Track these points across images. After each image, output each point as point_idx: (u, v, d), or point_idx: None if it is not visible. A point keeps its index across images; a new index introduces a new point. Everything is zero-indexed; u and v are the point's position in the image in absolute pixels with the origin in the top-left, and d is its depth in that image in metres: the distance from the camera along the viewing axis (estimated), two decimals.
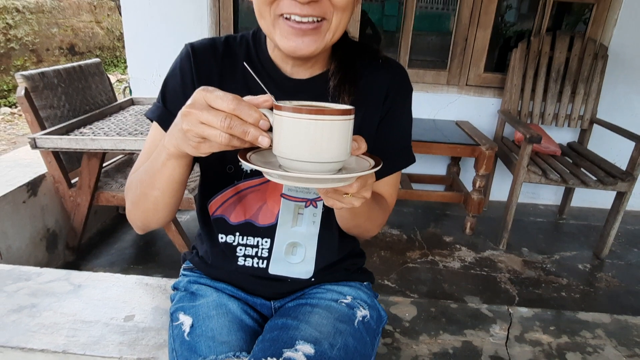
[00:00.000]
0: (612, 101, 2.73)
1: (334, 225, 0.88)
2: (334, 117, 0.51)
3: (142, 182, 0.72)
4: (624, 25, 2.59)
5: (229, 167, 0.84)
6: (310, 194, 0.85)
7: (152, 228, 0.81)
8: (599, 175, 2.27)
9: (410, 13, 2.67)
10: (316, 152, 0.52)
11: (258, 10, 0.71)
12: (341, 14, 0.69)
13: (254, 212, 0.86)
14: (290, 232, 0.86)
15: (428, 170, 2.96)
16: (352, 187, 0.57)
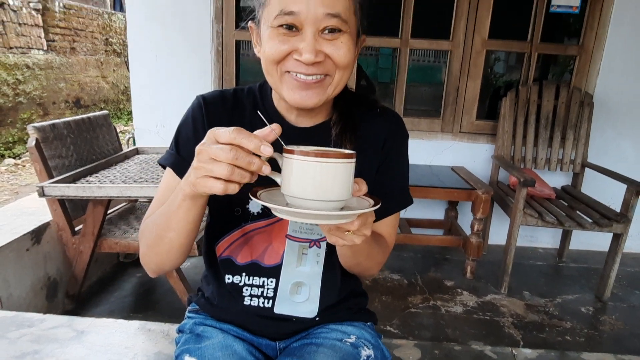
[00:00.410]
0: (601, 145, 2.83)
1: (336, 265, 0.91)
2: (337, 160, 0.57)
3: (158, 225, 0.75)
4: (606, 75, 2.73)
5: (236, 209, 0.88)
6: (314, 234, 0.89)
7: (165, 271, 0.84)
8: (594, 218, 2.32)
9: (403, 66, 2.81)
10: (321, 192, 0.57)
11: (266, 68, 0.77)
12: (342, 71, 0.76)
13: (260, 252, 0.89)
14: (294, 271, 0.89)
15: (426, 214, 3.00)
16: (354, 225, 0.61)
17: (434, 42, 2.80)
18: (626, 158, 2.85)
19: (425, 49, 2.90)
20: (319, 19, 0.71)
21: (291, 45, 0.73)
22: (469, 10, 2.68)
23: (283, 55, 0.73)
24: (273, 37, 0.73)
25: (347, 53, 0.74)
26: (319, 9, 0.70)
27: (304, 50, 0.71)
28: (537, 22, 2.70)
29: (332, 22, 0.71)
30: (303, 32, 0.72)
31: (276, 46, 0.73)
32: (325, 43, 0.73)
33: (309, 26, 0.71)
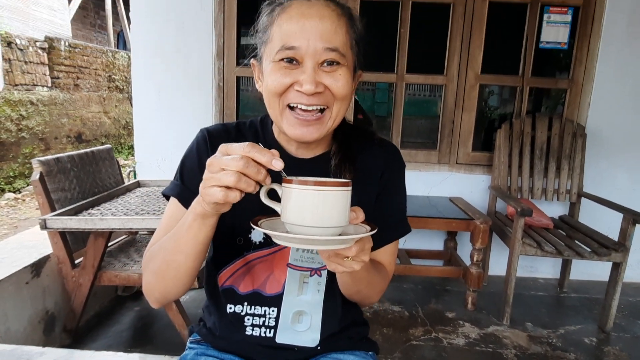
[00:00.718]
0: (596, 175, 2.87)
1: (337, 293, 0.92)
2: (334, 189, 0.61)
3: (166, 249, 0.77)
4: (597, 107, 2.81)
5: (238, 239, 0.90)
6: (315, 263, 0.91)
7: (169, 300, 0.84)
8: (593, 247, 2.33)
9: (400, 99, 2.89)
10: (319, 218, 0.60)
11: (268, 101, 0.82)
12: (340, 103, 0.80)
13: (261, 281, 0.90)
14: (296, 300, 0.90)
15: (426, 245, 3.01)
16: (351, 251, 0.63)
17: (429, 77, 2.89)
18: (621, 188, 2.89)
19: (421, 83, 2.99)
20: (318, 52, 0.75)
21: (292, 78, 0.77)
22: (461, 47, 2.78)
23: (285, 87, 0.78)
24: (275, 71, 0.78)
25: (345, 85, 0.78)
26: (318, 44, 0.75)
27: (304, 82, 0.76)
28: (527, 57, 2.80)
29: (330, 56, 0.76)
30: (303, 65, 0.76)
31: (278, 79, 0.77)
32: (325, 75, 0.77)
33: (309, 59, 0.76)
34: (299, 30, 0.75)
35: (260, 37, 0.84)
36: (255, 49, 0.87)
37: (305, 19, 0.76)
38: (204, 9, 2.76)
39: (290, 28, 0.76)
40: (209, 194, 0.61)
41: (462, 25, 2.75)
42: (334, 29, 0.76)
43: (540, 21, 2.76)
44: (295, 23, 0.76)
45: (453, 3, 2.75)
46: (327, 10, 0.77)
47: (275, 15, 0.79)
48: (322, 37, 0.75)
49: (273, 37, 0.79)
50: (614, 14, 2.69)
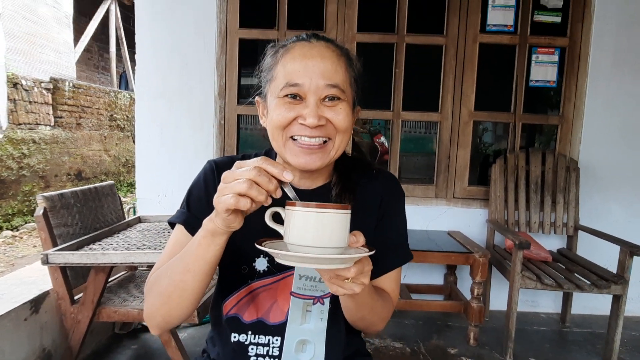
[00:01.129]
0: (591, 209, 2.91)
1: (341, 322, 0.93)
2: (333, 211, 0.66)
3: (173, 270, 0.79)
4: (588, 142, 2.89)
5: (243, 267, 0.92)
6: (318, 291, 0.93)
7: (170, 324, 0.84)
8: (592, 279, 2.33)
9: (396, 135, 2.97)
10: (319, 239, 0.65)
11: (272, 134, 0.87)
12: (342, 134, 0.85)
13: (265, 310, 0.92)
14: (299, 329, 0.91)
15: (426, 280, 3.00)
16: (351, 272, 0.67)
17: (424, 114, 2.98)
18: (616, 220, 2.92)
19: (416, 120, 3.08)
20: (320, 89, 0.81)
21: (296, 112, 0.82)
22: (454, 85, 2.89)
23: (289, 120, 0.83)
24: (280, 106, 0.83)
25: (345, 118, 0.84)
26: (320, 81, 0.81)
27: (308, 115, 0.81)
28: (518, 95, 2.91)
29: (331, 92, 0.82)
30: (306, 100, 0.82)
31: (283, 113, 0.83)
32: (326, 109, 0.83)
33: (312, 95, 0.82)
34: (302, 69, 0.81)
35: (265, 76, 0.90)
36: (260, 88, 0.93)
37: (307, 58, 0.82)
38: (207, 51, 2.87)
39: (294, 67, 0.82)
40: (221, 202, 0.65)
41: (454, 65, 2.87)
42: (335, 67, 0.83)
43: (529, 61, 2.89)
44: (298, 62, 0.82)
45: (445, 44, 2.88)
46: (328, 51, 0.84)
47: (279, 56, 0.86)
48: (324, 74, 0.81)
49: (277, 75, 0.85)
50: (598, 53, 2.82)
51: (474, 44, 2.85)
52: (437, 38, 2.89)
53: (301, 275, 0.92)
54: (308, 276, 0.92)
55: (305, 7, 2.98)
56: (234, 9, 2.90)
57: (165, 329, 0.86)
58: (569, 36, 2.84)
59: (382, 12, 2.98)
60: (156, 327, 0.85)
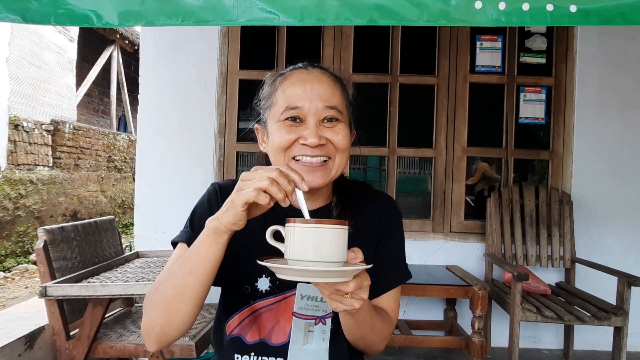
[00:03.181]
0: (587, 241, 2.94)
1: (343, 342, 0.94)
2: (332, 227, 0.69)
3: (174, 275, 0.79)
4: (578, 176, 2.96)
5: (246, 287, 0.93)
6: (319, 311, 0.94)
7: (169, 336, 0.81)
8: (592, 311, 2.33)
9: (392, 171, 3.04)
10: (319, 253, 0.68)
11: (274, 156, 0.90)
12: (342, 154, 0.90)
13: (267, 331, 0.92)
14: (301, 350, 0.92)
15: (425, 316, 2.96)
16: (349, 286, 0.69)
17: (419, 150, 3.07)
18: (612, 253, 2.94)
19: (411, 156, 3.16)
20: (319, 111, 0.87)
21: (297, 134, 0.87)
22: (447, 123, 2.99)
23: (290, 142, 0.87)
24: (281, 129, 0.88)
25: (344, 137, 0.89)
26: (319, 103, 0.87)
27: (309, 136, 0.85)
28: (509, 132, 3.01)
29: (330, 113, 0.88)
30: (306, 122, 0.87)
31: (284, 135, 0.87)
32: (326, 130, 0.88)
33: (312, 117, 0.87)
34: (301, 93, 0.87)
35: (264, 104, 0.95)
36: (259, 115, 0.98)
37: (306, 83, 0.88)
38: (208, 91, 2.98)
39: (293, 91, 0.88)
40: (241, 195, 0.69)
41: (446, 103, 2.99)
42: (332, 90, 0.89)
43: (517, 99, 3.01)
44: (297, 87, 0.88)
45: (437, 84, 3.01)
46: (324, 76, 0.91)
47: (277, 84, 0.92)
48: (322, 97, 0.87)
49: (277, 101, 0.90)
50: (583, 91, 2.95)
51: (464, 83, 2.98)
52: (429, 78, 3.02)
53: (303, 295, 0.93)
54: (310, 296, 0.93)
55: (303, 49, 3.12)
56: (235, 52, 3.03)
57: (163, 343, 0.82)
58: (554, 76, 2.99)
59: (376, 53, 3.13)
60: (154, 341, 0.82)
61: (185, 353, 1.85)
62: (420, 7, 1.10)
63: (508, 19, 1.09)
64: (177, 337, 0.82)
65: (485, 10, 1.09)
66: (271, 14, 1.19)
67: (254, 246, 0.90)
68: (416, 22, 1.11)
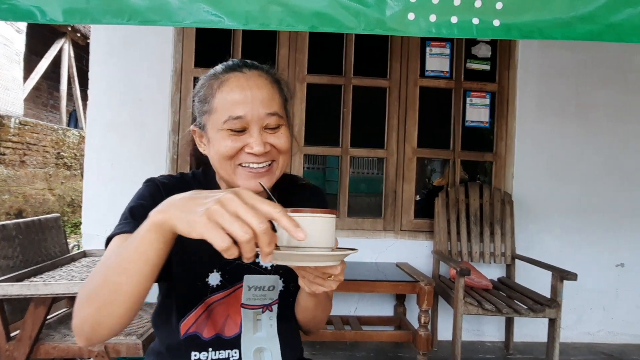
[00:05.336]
0: (527, 239, 3.13)
1: (289, 324, 1.01)
2: (325, 215, 0.74)
3: (108, 267, 0.71)
4: (519, 177, 3.15)
5: (197, 283, 0.95)
6: (266, 299, 0.99)
7: (100, 335, 0.73)
8: (529, 304, 2.49)
9: (345, 171, 3.11)
10: (316, 240, 0.72)
11: (219, 164, 0.91)
12: (284, 155, 0.94)
13: (220, 325, 0.96)
14: (253, 339, 0.97)
15: (376, 312, 3.06)
16: (337, 269, 0.75)
17: (371, 151, 3.16)
18: (549, 249, 3.14)
19: (364, 156, 3.25)
20: (261, 118, 0.89)
21: (242, 142, 0.89)
22: (398, 124, 3.10)
23: (236, 151, 0.89)
24: (225, 138, 0.89)
25: (287, 140, 0.93)
26: (260, 110, 0.89)
27: (254, 144, 0.88)
28: (456, 134, 3.15)
29: (272, 120, 0.90)
30: (250, 130, 0.89)
31: (230, 144, 0.88)
32: (269, 136, 0.91)
33: (255, 125, 0.89)
34: (241, 101, 0.88)
35: (201, 107, 0.94)
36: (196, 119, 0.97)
37: (245, 90, 0.89)
38: (161, 88, 2.94)
39: (233, 99, 0.88)
40: (212, 235, 0.58)
41: (397, 106, 3.10)
42: (271, 95, 0.91)
43: (464, 103, 3.16)
44: (237, 94, 0.88)
45: (389, 87, 3.11)
46: (262, 80, 0.92)
47: (215, 89, 0.91)
48: (263, 104, 0.89)
49: (217, 108, 0.89)
50: (524, 97, 3.13)
51: (414, 87, 3.10)
52: (381, 81, 3.12)
53: (250, 287, 0.97)
54: (257, 286, 0.98)
55: (258, 49, 3.14)
56: (190, 50, 3.01)
57: (94, 341, 0.74)
58: (498, 82, 3.16)
59: (330, 56, 3.19)
60: (83, 338, 0.74)
61: (131, 352, 1.83)
62: (358, 16, 1.16)
63: (438, 30, 1.17)
64: (110, 337, 0.74)
65: (418, 21, 1.16)
66: (217, 17, 1.21)
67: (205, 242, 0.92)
68: (354, 30, 1.17)
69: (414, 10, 1.17)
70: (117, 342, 1.85)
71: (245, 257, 0.59)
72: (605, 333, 3.20)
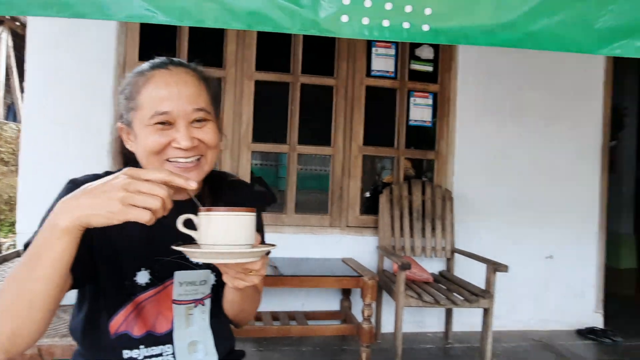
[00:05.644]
0: (465, 234, 3.28)
1: (222, 317, 1.03)
2: (245, 213, 0.76)
3: (18, 279, 0.72)
4: (459, 175, 3.30)
5: (126, 282, 0.94)
6: (198, 294, 1.00)
7: (19, 346, 0.73)
8: (465, 295, 2.63)
9: (293, 168, 3.15)
10: (235, 238, 0.75)
11: (146, 159, 0.91)
12: (212, 150, 0.95)
13: (151, 322, 0.96)
14: (185, 333, 0.98)
15: (323, 307, 3.11)
16: (257, 264, 0.77)
17: (318, 148, 3.22)
18: (486, 243, 3.31)
19: (311, 154, 3.29)
20: (188, 113, 0.89)
21: (169, 137, 0.89)
22: (345, 122, 3.17)
23: (163, 146, 0.89)
24: (152, 133, 0.89)
25: (214, 136, 0.94)
26: (187, 106, 0.89)
27: (181, 139, 0.88)
28: (400, 132, 3.27)
29: (199, 115, 0.91)
30: (177, 125, 0.89)
31: (156, 140, 0.88)
32: (196, 131, 0.91)
33: (181, 120, 0.89)
34: (167, 97, 0.88)
35: (126, 105, 0.94)
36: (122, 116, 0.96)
37: (171, 86, 0.89)
38: (104, 81, 2.84)
39: (159, 95, 0.89)
40: (133, 214, 0.66)
41: (344, 104, 3.16)
42: (198, 91, 0.92)
43: (408, 103, 3.28)
44: (163, 90, 0.89)
45: (336, 85, 3.17)
46: (188, 76, 0.92)
47: (140, 85, 0.91)
48: (189, 99, 0.89)
49: (143, 104, 0.90)
50: (463, 99, 3.29)
51: (360, 86, 3.18)
52: (329, 79, 3.18)
53: (181, 282, 0.97)
54: (188, 282, 0.98)
55: (205, 44, 3.10)
56: (134, 42, 2.93)
57: (13, 352, 0.73)
58: (440, 83, 3.30)
59: (279, 54, 3.20)
60: (3, 351, 0.73)
61: (67, 354, 1.77)
62: (292, 16, 1.18)
63: (370, 33, 1.21)
64: (28, 347, 0.75)
65: (351, 23, 1.20)
66: (150, 12, 1.19)
67: (131, 239, 0.92)
68: (290, 30, 1.19)
69: (348, 13, 1.20)
70: (52, 343, 1.79)
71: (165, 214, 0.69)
72: (536, 320, 3.42)
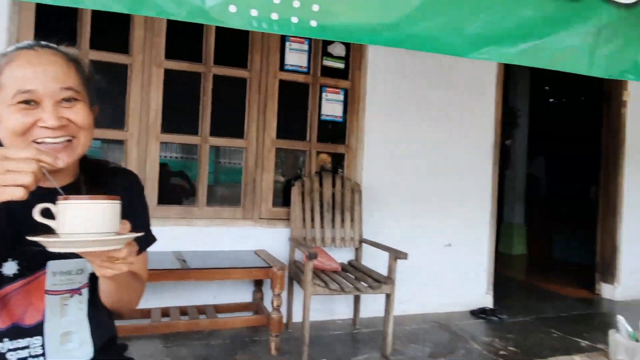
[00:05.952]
0: (373, 224, 3.45)
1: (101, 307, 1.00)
2: (106, 202, 0.76)
3: None
4: (368, 168, 3.46)
5: None
6: (75, 283, 0.97)
7: None
8: (369, 282, 2.77)
9: (204, 160, 3.10)
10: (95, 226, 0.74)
11: (9, 141, 0.86)
12: (85, 132, 0.92)
13: (19, 314, 0.91)
14: (59, 324, 0.94)
15: (235, 299, 3.11)
16: (122, 252, 0.77)
17: (231, 140, 3.19)
18: (392, 234, 3.51)
19: (223, 146, 3.26)
20: (55, 92, 0.86)
21: (34, 117, 0.85)
22: (258, 115, 3.17)
23: (28, 126, 0.85)
24: (15, 112, 0.84)
25: (85, 116, 0.91)
26: (53, 85, 0.86)
27: (47, 118, 0.85)
28: (312, 127, 3.35)
29: (67, 94, 0.88)
30: (43, 105, 0.86)
31: (20, 119, 0.84)
32: (65, 110, 0.88)
33: (48, 99, 0.86)
34: (32, 76, 0.85)
35: None
36: None
37: (35, 66, 0.86)
38: None
39: (23, 73, 0.85)
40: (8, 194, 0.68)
41: (257, 97, 3.17)
42: (66, 71, 0.89)
43: (320, 98, 3.36)
44: (27, 69, 0.85)
45: (249, 78, 3.16)
46: (55, 57, 0.90)
47: (3, 65, 0.87)
48: (56, 78, 0.87)
49: (5, 84, 0.85)
50: (372, 96, 3.45)
51: (274, 79, 3.20)
52: (242, 71, 3.16)
53: (55, 272, 0.94)
54: (62, 271, 0.95)
55: (110, 28, 2.93)
56: (29, 23, 2.70)
57: None
58: (350, 80, 3.43)
59: (190, 42, 3.12)
60: None
61: None
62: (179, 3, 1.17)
63: (259, 25, 1.24)
64: None
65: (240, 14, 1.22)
66: None
67: None
68: (176, 16, 1.18)
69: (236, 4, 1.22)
70: None
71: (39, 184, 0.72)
72: (436, 304, 3.69)
